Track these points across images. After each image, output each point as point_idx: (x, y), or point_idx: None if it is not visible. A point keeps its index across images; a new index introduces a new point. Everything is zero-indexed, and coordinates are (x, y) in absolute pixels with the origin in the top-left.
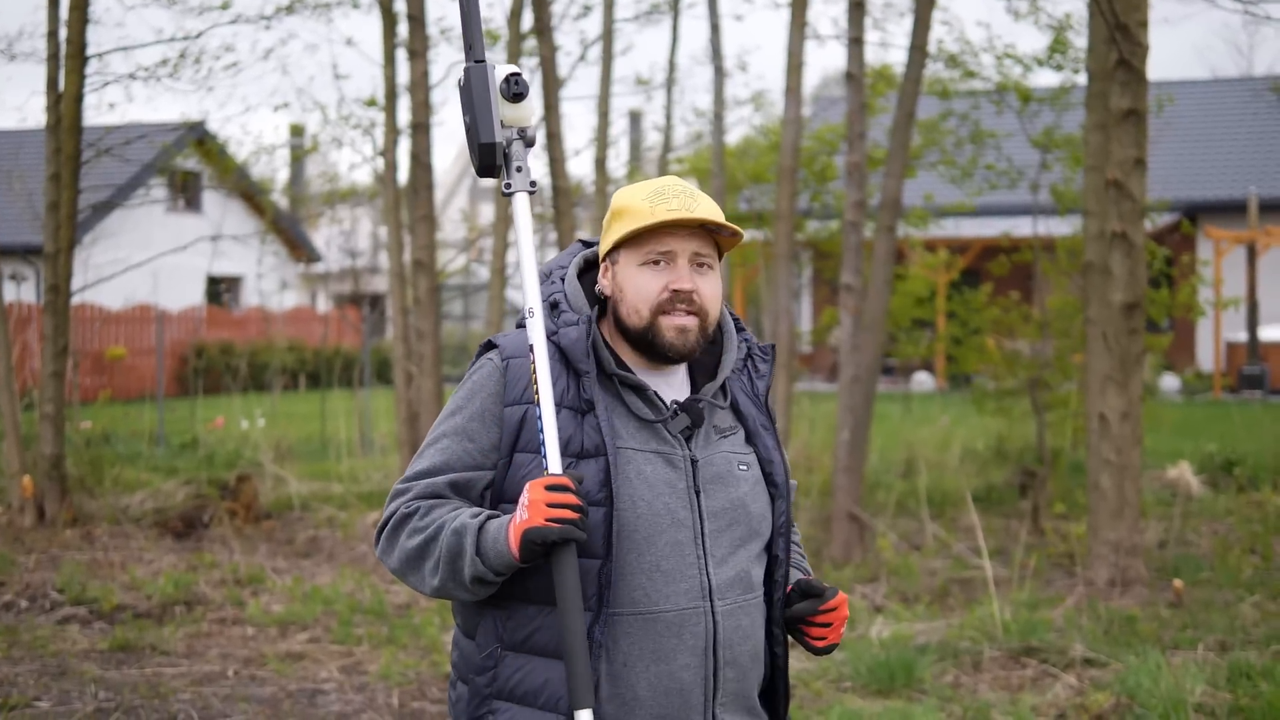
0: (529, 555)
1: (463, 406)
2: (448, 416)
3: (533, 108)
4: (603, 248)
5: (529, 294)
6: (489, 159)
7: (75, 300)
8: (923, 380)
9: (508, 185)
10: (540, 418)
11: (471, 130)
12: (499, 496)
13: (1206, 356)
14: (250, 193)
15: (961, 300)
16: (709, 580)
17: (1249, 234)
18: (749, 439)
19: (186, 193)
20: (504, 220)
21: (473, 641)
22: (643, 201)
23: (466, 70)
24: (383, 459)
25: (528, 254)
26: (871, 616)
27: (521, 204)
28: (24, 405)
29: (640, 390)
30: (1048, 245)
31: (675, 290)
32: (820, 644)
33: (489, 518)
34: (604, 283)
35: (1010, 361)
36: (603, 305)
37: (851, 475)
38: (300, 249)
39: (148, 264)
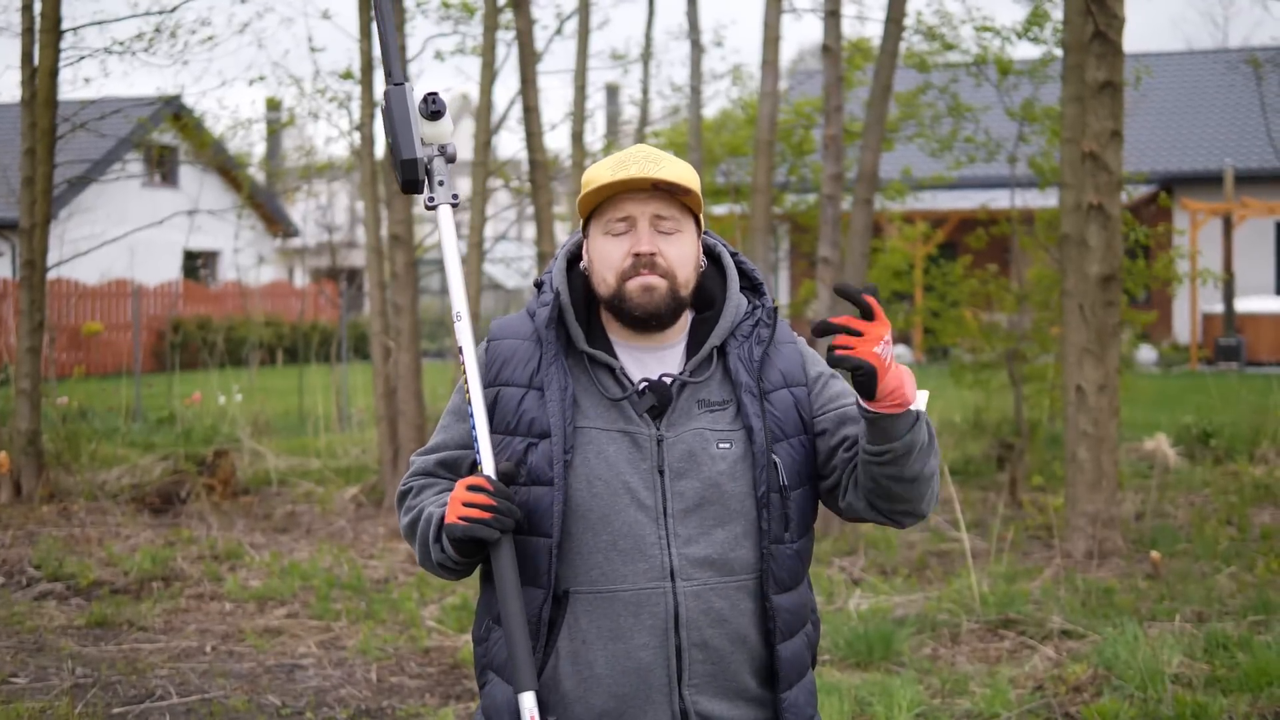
0: (458, 549)
1: (461, 386)
2: (454, 394)
3: (450, 125)
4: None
5: (455, 300)
6: (411, 174)
7: (51, 275)
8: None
9: (430, 199)
10: (471, 415)
11: (394, 149)
12: None
13: (1183, 328)
14: (227, 167)
15: (939, 273)
16: (671, 560)
17: (1225, 206)
18: (739, 411)
19: (163, 167)
20: (481, 194)
21: (478, 613)
22: (605, 170)
23: (386, 93)
24: (360, 434)
25: (453, 263)
26: (850, 589)
27: (445, 216)
28: (0, 381)
29: (609, 369)
30: (1026, 218)
31: (636, 254)
32: (839, 351)
33: None
34: (585, 258)
35: (988, 334)
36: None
37: None
38: (277, 223)
39: (124, 239)
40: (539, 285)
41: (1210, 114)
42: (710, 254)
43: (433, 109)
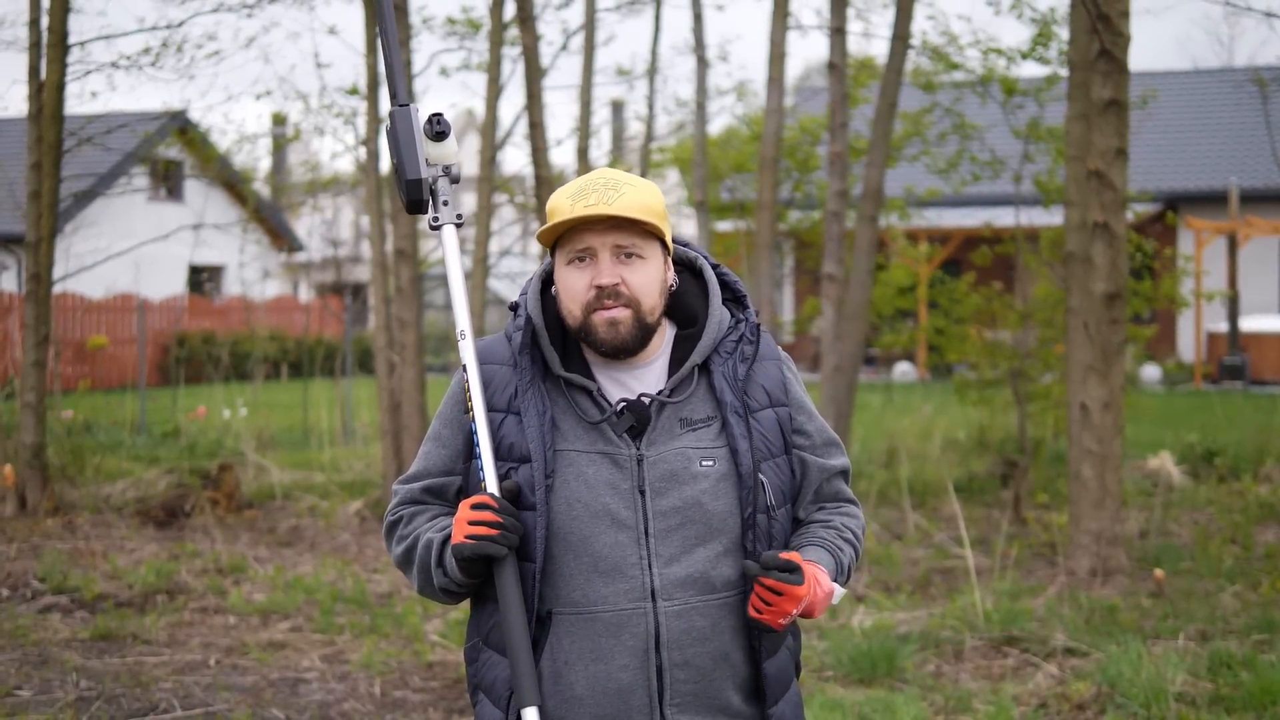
0: (465, 569)
1: (441, 412)
2: (434, 420)
3: (455, 146)
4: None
5: (459, 318)
6: (416, 194)
7: (57, 289)
8: (904, 370)
9: (435, 219)
10: (475, 433)
11: (399, 169)
12: None
13: (1187, 346)
14: (232, 182)
15: (944, 290)
16: (653, 581)
17: (1230, 224)
18: (724, 428)
19: (168, 182)
20: (486, 209)
21: (468, 632)
22: (566, 200)
23: (391, 114)
24: (365, 448)
25: (457, 283)
26: (853, 606)
27: (449, 236)
28: (5, 394)
29: (587, 391)
30: (1031, 236)
31: (598, 286)
32: (753, 613)
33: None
34: (555, 285)
35: (992, 352)
36: None
37: None
38: (282, 238)
39: (129, 253)
40: (514, 308)
41: (1215, 133)
42: (691, 267)
43: (437, 130)
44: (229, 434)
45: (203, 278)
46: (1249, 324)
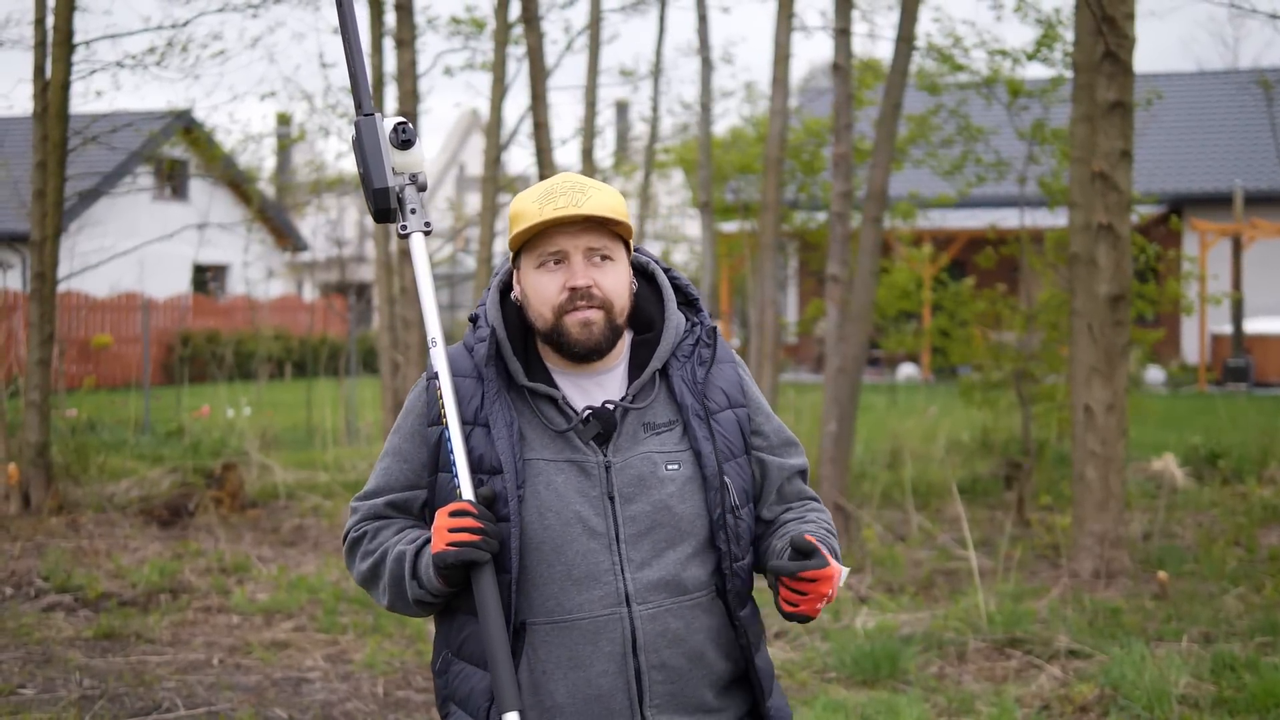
0: (446, 577)
1: (399, 427)
2: (390, 436)
3: (422, 154)
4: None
5: (430, 326)
6: (384, 203)
7: (61, 288)
8: (909, 372)
9: (403, 227)
10: (449, 440)
11: (365, 179)
12: (434, 515)
13: (1191, 349)
14: (237, 181)
15: (948, 292)
16: (626, 586)
17: (1234, 226)
18: (685, 432)
19: (173, 181)
20: (490, 209)
21: (435, 645)
22: (532, 204)
23: (356, 124)
24: (368, 448)
25: (426, 290)
26: (856, 607)
27: (418, 244)
28: (9, 393)
29: (552, 400)
30: (1035, 237)
31: (572, 288)
32: (788, 608)
33: (426, 542)
34: (516, 290)
35: (996, 353)
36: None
37: (837, 466)
38: (286, 238)
39: (134, 252)
40: (474, 320)
41: (1220, 135)
42: (644, 272)
43: (403, 138)
44: (233, 433)
45: (207, 277)
46: (1253, 326)
